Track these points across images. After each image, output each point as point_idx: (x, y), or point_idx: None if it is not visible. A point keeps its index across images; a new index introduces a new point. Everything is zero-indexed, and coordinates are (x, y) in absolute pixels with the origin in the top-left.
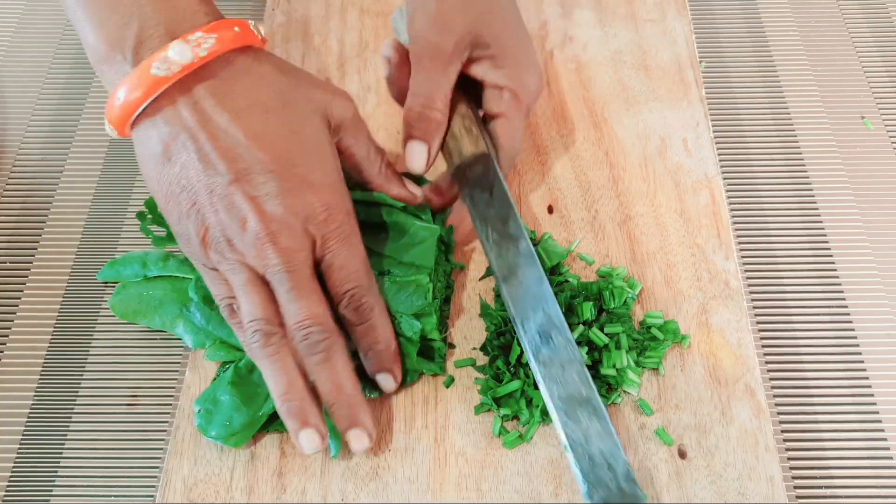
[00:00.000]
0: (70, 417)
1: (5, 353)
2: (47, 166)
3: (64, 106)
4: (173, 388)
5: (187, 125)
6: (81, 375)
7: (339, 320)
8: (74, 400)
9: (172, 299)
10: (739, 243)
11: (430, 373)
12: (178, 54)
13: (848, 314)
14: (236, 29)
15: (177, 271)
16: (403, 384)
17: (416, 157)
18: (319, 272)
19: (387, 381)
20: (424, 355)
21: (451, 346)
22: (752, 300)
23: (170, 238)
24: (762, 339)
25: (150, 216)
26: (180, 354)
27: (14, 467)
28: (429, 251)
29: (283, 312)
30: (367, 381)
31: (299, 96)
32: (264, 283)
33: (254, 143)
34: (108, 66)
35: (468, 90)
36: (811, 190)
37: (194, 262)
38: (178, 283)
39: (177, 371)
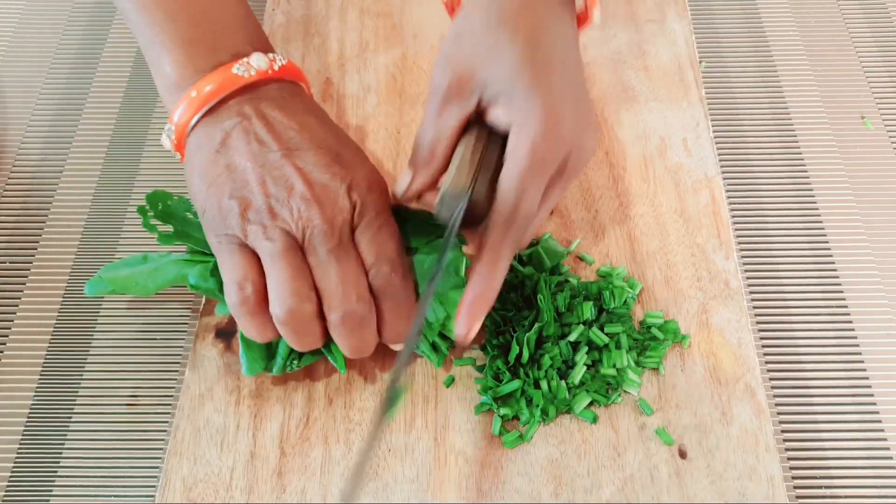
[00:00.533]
0: (70, 417)
1: (5, 353)
2: (47, 166)
3: (64, 106)
4: (173, 388)
5: (246, 116)
6: (81, 375)
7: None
8: (74, 400)
9: (174, 262)
10: (739, 243)
11: (429, 359)
12: (257, 61)
13: (848, 314)
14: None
15: (180, 257)
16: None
17: (399, 181)
18: None
19: (398, 345)
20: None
21: (452, 345)
22: (752, 300)
23: (176, 235)
24: (762, 339)
25: (150, 212)
26: (180, 355)
27: (14, 467)
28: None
29: (318, 276)
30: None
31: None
32: (299, 253)
33: (304, 131)
34: (178, 91)
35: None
36: (811, 190)
37: (220, 241)
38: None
39: (177, 371)
